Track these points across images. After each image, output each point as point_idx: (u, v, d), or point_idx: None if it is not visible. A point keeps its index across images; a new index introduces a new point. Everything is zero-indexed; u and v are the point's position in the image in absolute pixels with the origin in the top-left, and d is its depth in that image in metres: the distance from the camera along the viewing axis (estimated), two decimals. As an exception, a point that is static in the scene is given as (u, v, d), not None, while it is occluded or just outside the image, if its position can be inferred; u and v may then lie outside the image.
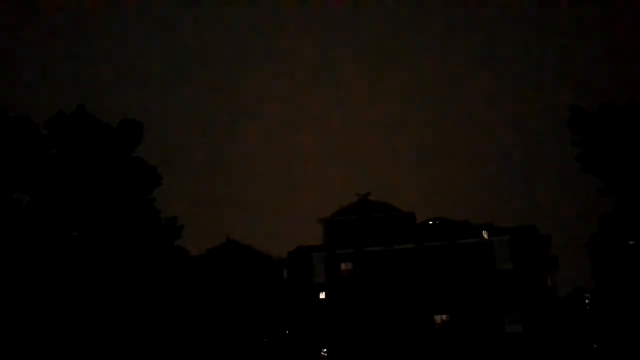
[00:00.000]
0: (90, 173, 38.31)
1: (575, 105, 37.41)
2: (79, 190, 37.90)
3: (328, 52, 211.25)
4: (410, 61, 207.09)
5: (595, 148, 36.75)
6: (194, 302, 52.77)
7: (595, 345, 65.50)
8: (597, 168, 36.98)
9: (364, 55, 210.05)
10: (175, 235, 42.55)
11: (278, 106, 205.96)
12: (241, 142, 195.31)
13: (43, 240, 36.13)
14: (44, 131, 38.50)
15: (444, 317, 54.05)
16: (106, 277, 36.83)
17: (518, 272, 52.88)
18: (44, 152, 38.14)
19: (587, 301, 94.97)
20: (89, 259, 37.13)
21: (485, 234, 55.22)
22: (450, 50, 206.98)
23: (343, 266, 57.93)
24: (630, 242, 47.22)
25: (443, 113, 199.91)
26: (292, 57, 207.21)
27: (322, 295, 57.62)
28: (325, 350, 55.98)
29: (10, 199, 36.66)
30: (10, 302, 34.35)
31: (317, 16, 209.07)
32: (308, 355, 55.67)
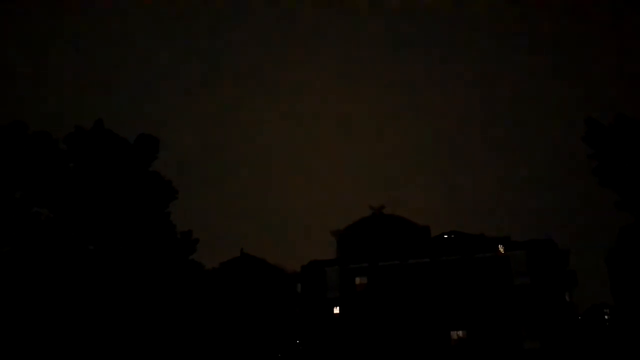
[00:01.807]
0: (107, 187, 38.76)
1: (591, 118, 37.15)
2: (96, 205, 38.34)
3: (344, 62, 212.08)
4: (424, 76, 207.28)
5: (611, 161, 36.42)
6: (208, 315, 52.86)
7: (615, 362, 64.41)
8: (613, 181, 36.61)
9: (378, 69, 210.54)
10: (191, 249, 42.83)
11: (293, 122, 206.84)
12: (256, 157, 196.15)
13: (61, 254, 36.51)
14: (63, 146, 39.09)
15: (460, 333, 53.36)
16: (122, 290, 37.08)
17: (535, 287, 52.14)
18: (62, 167, 38.68)
19: (606, 317, 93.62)
20: (106, 272, 37.43)
21: (501, 248, 54.61)
22: (465, 63, 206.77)
23: (357, 280, 57.52)
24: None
25: (458, 128, 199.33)
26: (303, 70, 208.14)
27: (336, 310, 57.22)
28: (340, 365, 55.57)
29: (29, 213, 37.14)
30: (29, 313, 34.68)
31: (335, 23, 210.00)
32: (323, 371, 55.29)
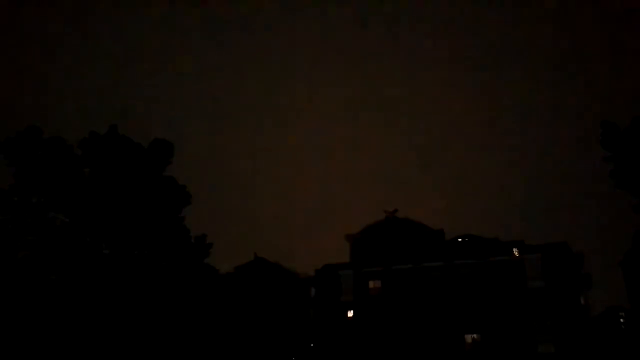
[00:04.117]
0: (121, 192, 38.97)
1: (607, 121, 36.78)
2: (111, 209, 38.56)
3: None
4: (437, 79, 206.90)
5: (627, 164, 36.05)
6: (223, 318, 52.97)
7: (631, 366, 63.69)
8: (630, 184, 36.23)
9: (387, 75, 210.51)
10: (205, 253, 42.89)
11: (307, 125, 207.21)
12: (270, 161, 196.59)
13: (76, 258, 36.76)
14: (78, 151, 39.36)
15: (475, 336, 53.13)
16: (137, 294, 37.26)
17: (550, 290, 51.77)
18: (77, 172, 38.94)
19: (621, 320, 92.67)
20: (120, 276, 37.63)
21: (515, 252, 54.30)
22: (478, 65, 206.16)
23: (371, 284, 57.45)
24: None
25: (471, 129, 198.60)
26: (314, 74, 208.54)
27: (350, 314, 57.20)
28: (353, 369, 55.45)
29: (45, 217, 37.43)
30: (46, 316, 34.95)
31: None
32: (336, 374, 55.17)
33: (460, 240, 59.33)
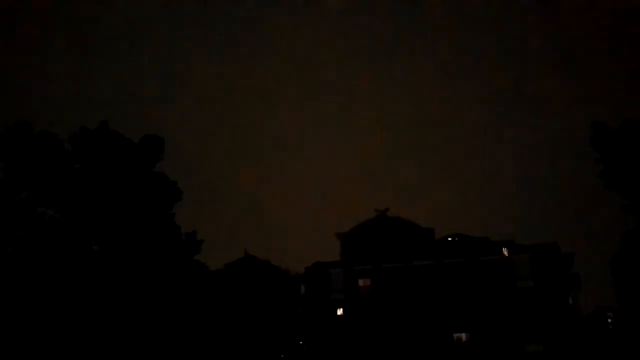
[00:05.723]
0: (112, 188, 38.76)
1: (598, 122, 37.08)
2: (101, 205, 38.35)
3: (343, 65, 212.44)
4: (428, 75, 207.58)
5: (617, 165, 36.36)
6: (212, 315, 52.87)
7: (618, 366, 64.07)
8: (619, 185, 36.55)
9: (380, 72, 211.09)
10: (195, 249, 42.82)
11: (300, 124, 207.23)
12: (260, 158, 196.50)
13: (65, 254, 36.53)
14: (68, 146, 39.10)
15: (463, 335, 53.35)
16: (127, 290, 37.10)
17: (539, 290, 52.05)
18: (67, 167, 38.68)
19: (609, 320, 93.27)
20: (110, 272, 37.45)
21: (505, 251, 54.53)
22: (469, 62, 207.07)
23: (361, 282, 57.54)
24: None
25: (462, 129, 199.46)
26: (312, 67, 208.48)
27: (340, 312, 57.26)
28: (343, 367, 55.52)
29: (34, 212, 37.17)
30: (34, 312, 34.73)
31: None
32: (326, 372, 55.23)
33: (450, 239, 59.46)
